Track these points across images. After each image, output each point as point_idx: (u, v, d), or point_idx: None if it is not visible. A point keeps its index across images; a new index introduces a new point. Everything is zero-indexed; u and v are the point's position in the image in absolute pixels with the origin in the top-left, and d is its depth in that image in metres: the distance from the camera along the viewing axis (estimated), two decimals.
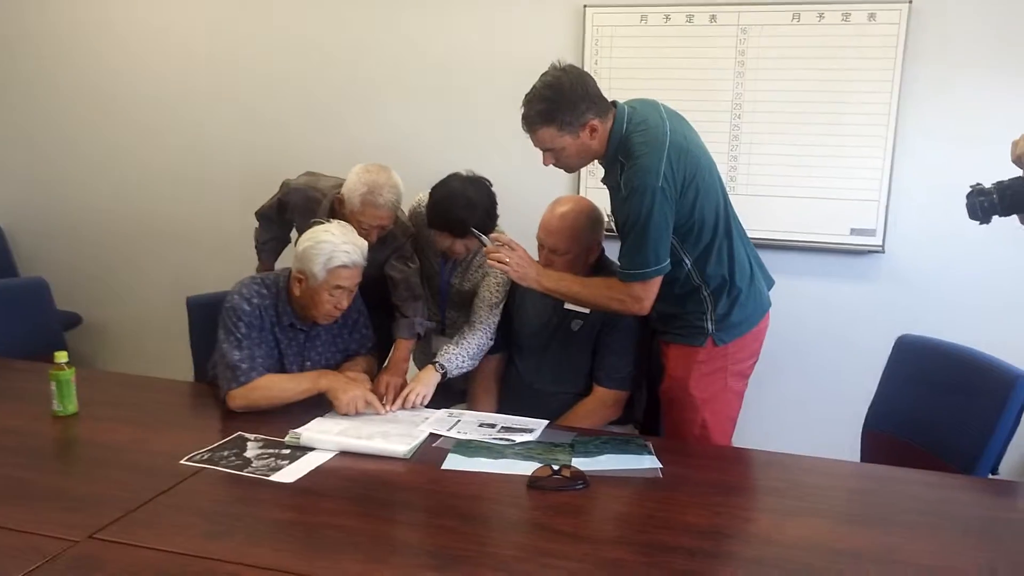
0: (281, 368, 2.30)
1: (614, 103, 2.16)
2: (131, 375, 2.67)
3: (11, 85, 4.28)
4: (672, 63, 3.27)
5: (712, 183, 2.16)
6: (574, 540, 1.57)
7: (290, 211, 2.72)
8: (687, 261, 2.18)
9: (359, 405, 2.17)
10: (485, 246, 2.26)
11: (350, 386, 2.20)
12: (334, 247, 2.18)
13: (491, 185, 2.39)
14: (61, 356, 2.18)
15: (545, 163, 2.16)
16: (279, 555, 1.50)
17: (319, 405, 2.21)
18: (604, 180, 2.22)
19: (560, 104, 2.05)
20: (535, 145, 2.14)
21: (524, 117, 2.10)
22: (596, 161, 2.20)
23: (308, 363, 2.34)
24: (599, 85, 2.14)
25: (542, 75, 2.10)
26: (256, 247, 2.93)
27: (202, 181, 4.01)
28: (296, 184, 2.71)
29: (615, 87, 3.28)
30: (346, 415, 2.17)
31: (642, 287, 2.13)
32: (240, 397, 2.17)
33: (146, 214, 4.16)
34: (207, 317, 2.49)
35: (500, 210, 2.43)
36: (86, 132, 4.18)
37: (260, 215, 2.86)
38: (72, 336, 4.26)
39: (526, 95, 2.09)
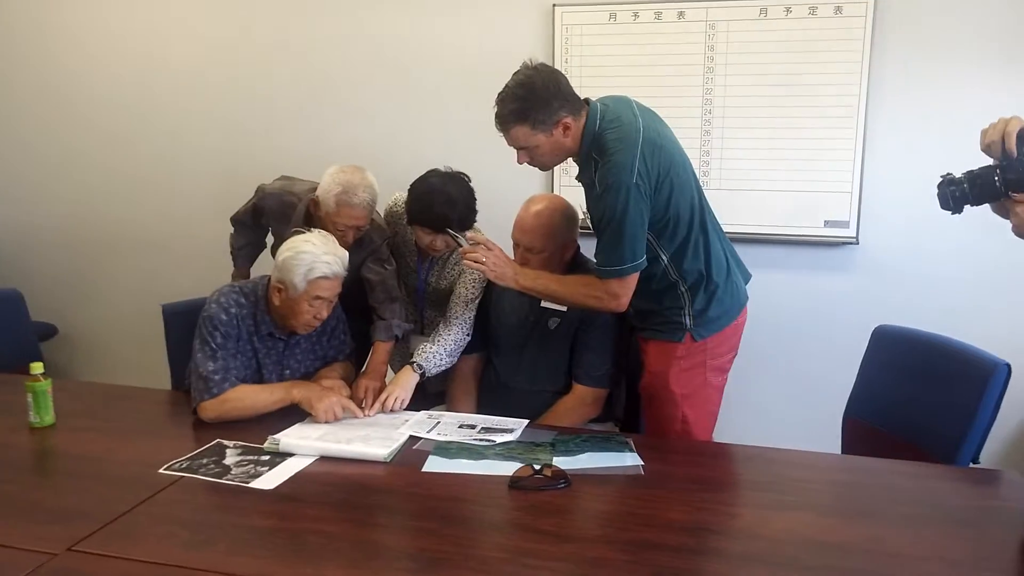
0: (259, 377, 2.28)
1: (586, 100, 2.16)
2: (108, 384, 2.64)
3: None
4: (642, 60, 3.28)
5: (686, 178, 2.17)
6: (557, 540, 1.57)
7: (265, 216, 2.70)
8: (663, 257, 2.19)
9: (336, 412, 2.16)
10: (461, 246, 2.25)
11: (325, 394, 2.19)
12: (315, 258, 2.16)
13: (470, 180, 2.39)
14: (37, 367, 2.16)
15: (519, 161, 2.16)
16: (261, 563, 1.49)
17: (298, 411, 2.20)
18: (578, 177, 2.22)
19: (533, 102, 2.05)
20: (509, 143, 2.15)
21: (497, 116, 2.10)
22: (570, 159, 2.20)
23: (287, 372, 2.33)
24: (570, 83, 2.15)
25: (514, 74, 2.11)
26: (232, 253, 2.91)
27: (174, 187, 3.98)
28: (271, 189, 2.69)
29: (586, 85, 3.31)
30: (325, 422, 2.16)
31: (619, 284, 2.14)
32: (211, 409, 2.15)
33: (119, 222, 4.11)
34: (183, 324, 2.47)
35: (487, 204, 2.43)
36: (53, 140, 4.13)
37: (235, 220, 2.84)
38: (48, 347, 4.20)
39: (499, 94, 2.10)
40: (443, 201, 2.30)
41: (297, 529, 1.62)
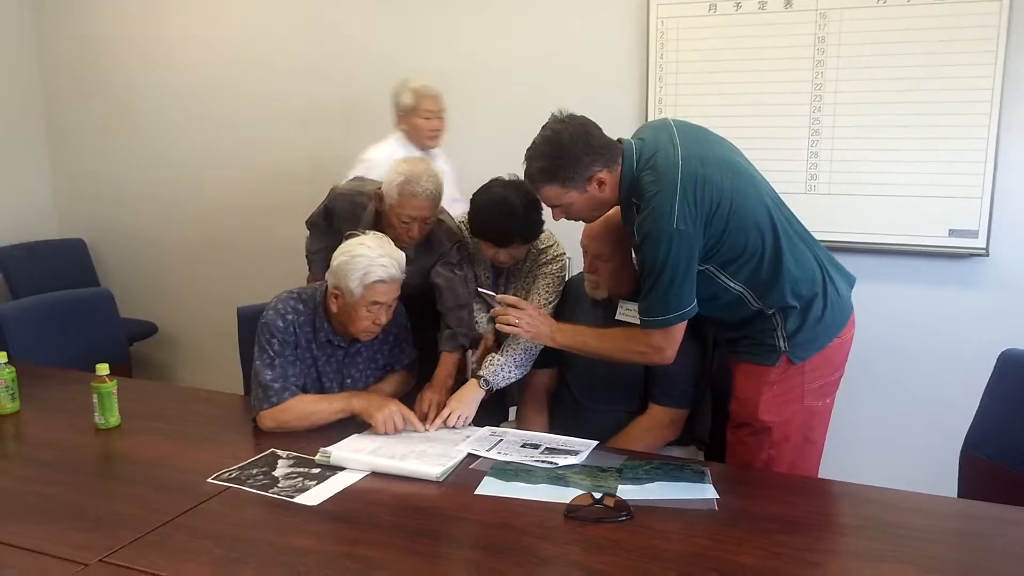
0: (319, 386, 2.21)
1: (619, 140, 1.99)
2: (178, 386, 2.65)
3: (87, 103, 4.43)
4: (744, 55, 3.07)
5: (751, 199, 1.94)
6: None
7: (336, 218, 2.64)
8: (736, 287, 1.98)
9: (397, 423, 2.06)
10: (492, 307, 2.12)
11: (385, 403, 2.09)
12: (370, 261, 2.07)
13: None
14: (102, 369, 2.16)
15: (555, 218, 2.02)
16: None
17: (356, 422, 2.12)
18: (623, 225, 2.06)
19: (561, 160, 1.90)
20: (543, 202, 2.03)
21: (526, 174, 1.97)
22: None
23: (348, 380, 2.25)
24: (663, 87, 1.97)
25: (542, 127, 1.96)
26: (307, 257, 2.87)
27: (269, 191, 4.02)
28: (342, 190, 2.64)
29: (682, 83, 3.12)
30: (384, 433, 2.06)
31: (663, 336, 1.96)
32: (270, 418, 2.09)
33: (218, 227, 4.22)
34: (255, 328, 2.43)
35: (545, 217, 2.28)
36: (153, 149, 4.30)
37: (310, 224, 2.80)
38: (148, 345, 4.36)
39: (527, 150, 1.96)
40: (505, 212, 2.18)
41: (334, 552, 1.52)
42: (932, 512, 1.73)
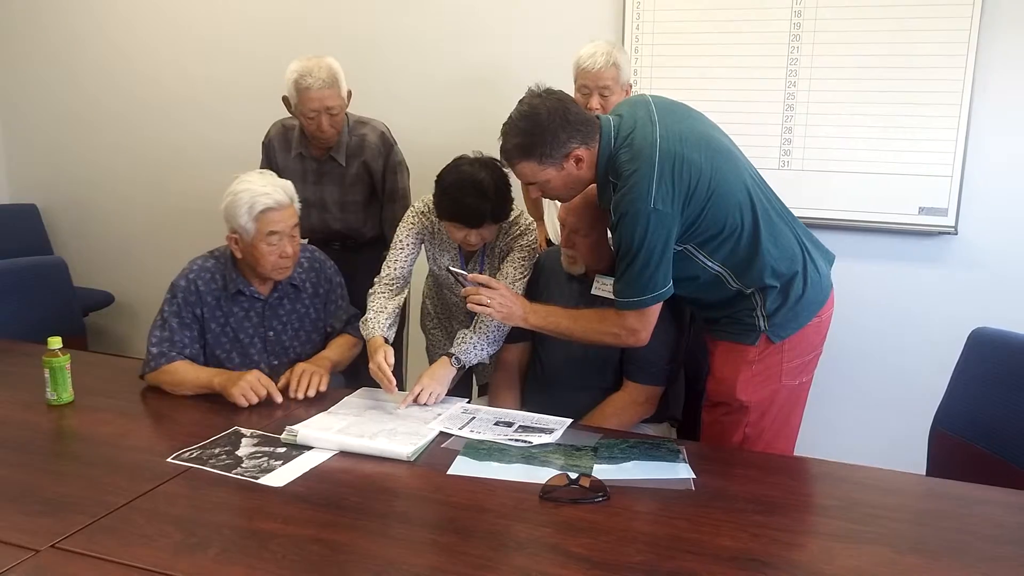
0: (238, 343, 2.22)
1: (597, 117, 1.93)
2: (135, 360, 2.54)
3: (40, 67, 4.23)
4: (720, 27, 3.00)
5: (730, 177, 1.90)
6: (587, 565, 1.37)
7: (273, 157, 2.84)
8: (715, 266, 1.95)
9: (257, 391, 2.02)
10: (463, 286, 2.06)
11: (241, 376, 2.06)
12: (253, 193, 2.09)
13: (504, 166, 2.16)
14: (55, 342, 2.07)
15: (532, 196, 1.97)
16: (255, 572, 1.35)
17: (326, 399, 2.06)
18: (600, 203, 2.00)
19: (538, 136, 1.84)
20: (518, 178, 1.96)
21: (502, 150, 1.91)
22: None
23: (270, 333, 2.25)
24: (638, 59, 1.91)
25: (519, 102, 1.90)
26: None
27: (233, 160, 3.87)
28: (272, 127, 2.91)
29: (657, 55, 3.05)
30: (246, 405, 2.02)
31: (637, 317, 1.92)
32: (152, 380, 2.15)
33: (178, 195, 4.06)
34: None
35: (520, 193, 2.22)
36: (111, 113, 4.13)
37: None
38: (103, 316, 4.22)
39: (503, 125, 1.90)
40: (474, 192, 2.09)
41: (300, 536, 1.46)
42: (904, 491, 1.72)
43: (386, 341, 2.18)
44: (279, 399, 2.05)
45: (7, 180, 4.44)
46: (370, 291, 2.29)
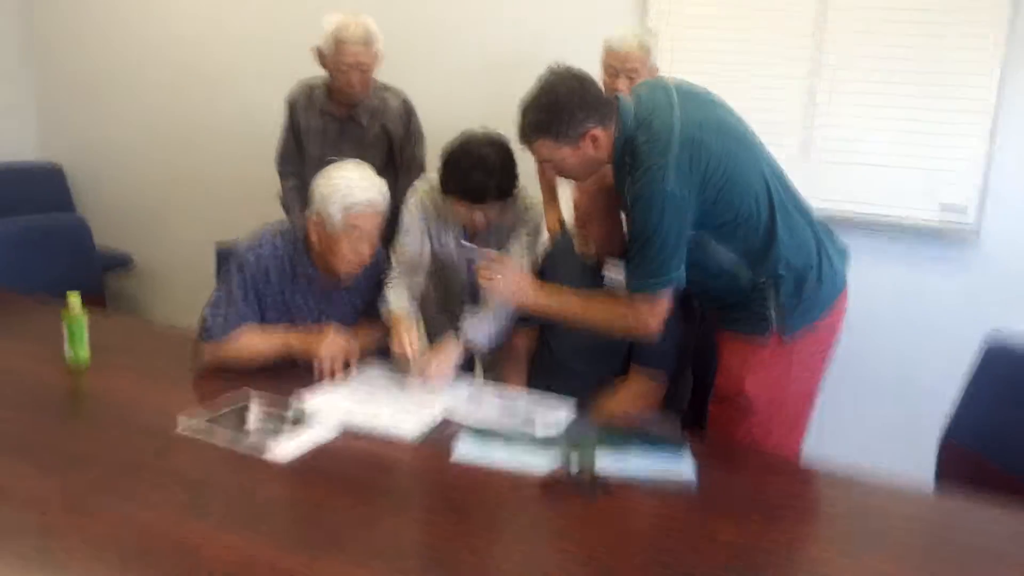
0: (291, 325, 2.18)
1: (616, 97, 1.92)
2: (153, 323, 2.57)
3: (77, 30, 4.25)
4: (743, 16, 2.96)
5: (746, 165, 1.88)
6: (583, 560, 1.38)
7: (298, 112, 2.84)
8: (731, 255, 1.93)
9: (338, 363, 2.06)
10: (475, 261, 2.06)
11: (326, 335, 2.08)
12: (350, 183, 2.06)
13: (509, 143, 2.14)
14: (75, 299, 2.08)
15: (545, 174, 1.95)
16: (252, 543, 1.37)
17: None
18: (616, 187, 1.99)
19: (556, 113, 1.83)
20: (534, 156, 1.95)
21: (519, 128, 1.90)
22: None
23: (324, 317, 2.21)
24: (662, 43, 1.89)
25: (538, 79, 1.90)
26: (282, 204, 2.87)
27: (259, 122, 3.89)
28: (296, 88, 2.89)
29: (678, 42, 3.01)
30: (354, 385, 2.03)
31: (649, 307, 1.91)
32: (210, 352, 2.09)
33: (202, 161, 4.09)
34: None
35: (526, 174, 2.22)
36: (145, 78, 4.15)
37: (280, 156, 2.92)
38: (122, 277, 4.26)
39: (521, 102, 1.89)
40: (479, 168, 2.08)
41: (300, 510, 1.49)
42: (912, 503, 1.70)
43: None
44: (354, 369, 2.10)
45: (37, 139, 4.48)
46: (386, 281, 2.29)
